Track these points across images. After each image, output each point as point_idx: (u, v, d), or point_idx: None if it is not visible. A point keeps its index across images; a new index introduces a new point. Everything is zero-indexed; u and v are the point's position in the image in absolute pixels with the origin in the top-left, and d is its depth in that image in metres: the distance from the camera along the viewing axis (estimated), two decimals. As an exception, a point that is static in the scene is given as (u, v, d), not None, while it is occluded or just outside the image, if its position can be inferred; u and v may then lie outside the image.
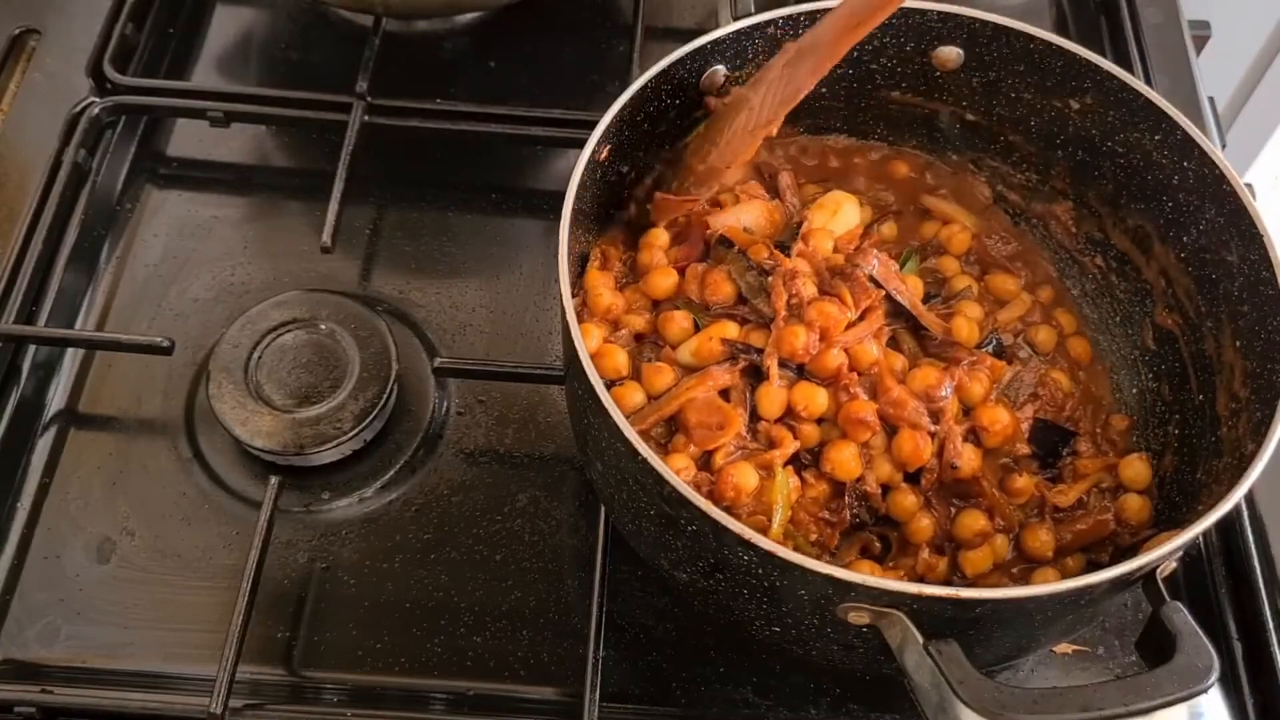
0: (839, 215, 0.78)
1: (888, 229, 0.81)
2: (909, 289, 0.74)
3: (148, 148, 0.96)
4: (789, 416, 0.70)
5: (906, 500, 0.69)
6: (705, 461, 0.68)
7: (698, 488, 0.63)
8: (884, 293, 0.73)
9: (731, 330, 0.71)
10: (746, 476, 0.66)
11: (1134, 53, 1.01)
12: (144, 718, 0.71)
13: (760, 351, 0.70)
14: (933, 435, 0.69)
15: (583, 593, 0.75)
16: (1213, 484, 0.66)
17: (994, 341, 0.76)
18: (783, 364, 0.69)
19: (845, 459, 0.68)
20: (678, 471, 0.61)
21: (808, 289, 0.71)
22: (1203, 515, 0.59)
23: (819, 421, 0.70)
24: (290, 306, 0.83)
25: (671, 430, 0.70)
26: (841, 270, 0.73)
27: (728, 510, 0.63)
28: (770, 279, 0.71)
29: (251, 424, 0.78)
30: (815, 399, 0.69)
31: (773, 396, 0.69)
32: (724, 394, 0.70)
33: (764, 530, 0.65)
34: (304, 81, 0.97)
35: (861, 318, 0.72)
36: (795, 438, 0.69)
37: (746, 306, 0.72)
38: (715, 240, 0.75)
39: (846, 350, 0.70)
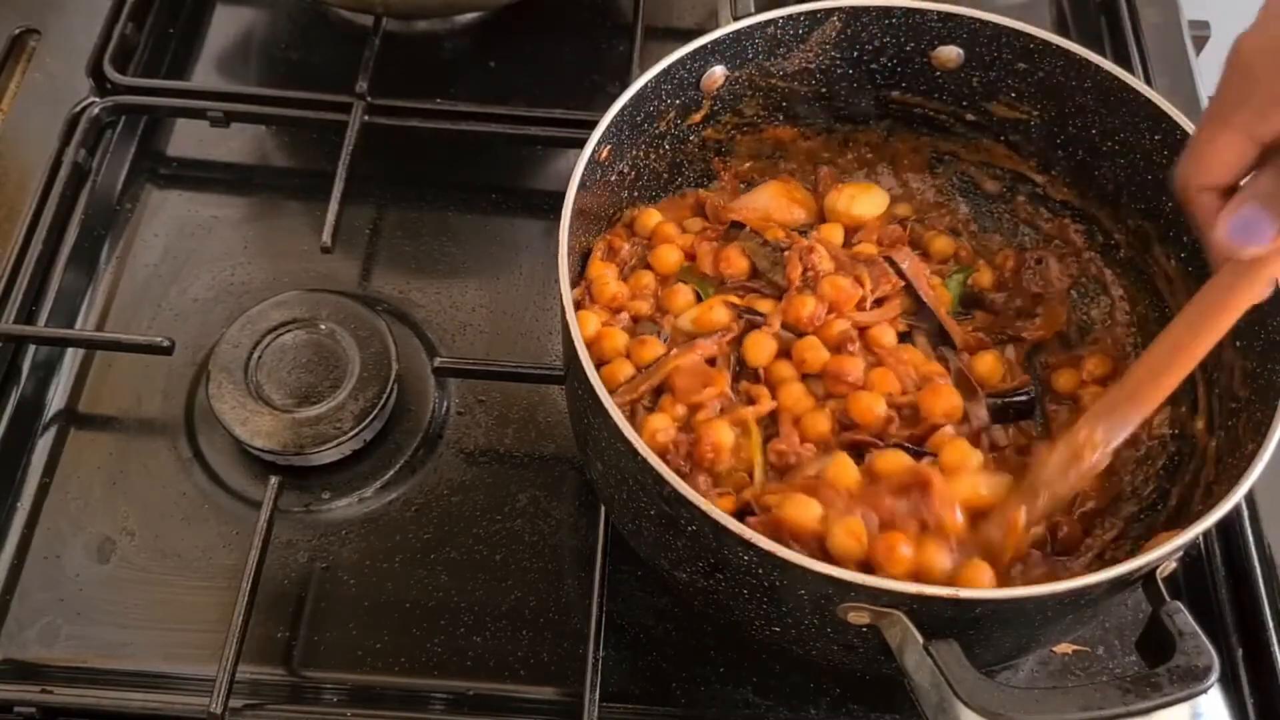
0: (866, 194, 0.79)
1: (941, 243, 0.80)
2: (937, 295, 0.75)
3: (148, 148, 0.96)
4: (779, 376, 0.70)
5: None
6: (687, 424, 0.69)
7: (677, 448, 0.63)
8: (903, 284, 0.73)
9: (735, 300, 0.72)
10: (723, 434, 0.67)
11: (1134, 53, 1.00)
12: (144, 718, 0.71)
13: (764, 316, 0.70)
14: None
15: (583, 593, 0.75)
16: (1213, 484, 0.66)
17: (1027, 394, 0.73)
18: (785, 329, 0.70)
19: (796, 393, 0.69)
20: (658, 430, 0.62)
21: (824, 263, 0.71)
22: (1203, 515, 0.59)
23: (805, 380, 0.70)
24: (290, 306, 0.83)
25: (658, 396, 0.70)
26: (868, 258, 0.73)
27: (710, 471, 0.64)
28: (787, 254, 0.72)
29: (251, 424, 0.78)
30: (817, 351, 0.69)
31: (761, 344, 0.69)
32: (710, 364, 0.70)
33: (746, 487, 0.66)
34: (304, 81, 0.97)
35: (879, 304, 0.72)
36: (773, 398, 0.69)
37: (760, 281, 0.72)
38: (729, 223, 0.76)
39: (862, 332, 0.70)
